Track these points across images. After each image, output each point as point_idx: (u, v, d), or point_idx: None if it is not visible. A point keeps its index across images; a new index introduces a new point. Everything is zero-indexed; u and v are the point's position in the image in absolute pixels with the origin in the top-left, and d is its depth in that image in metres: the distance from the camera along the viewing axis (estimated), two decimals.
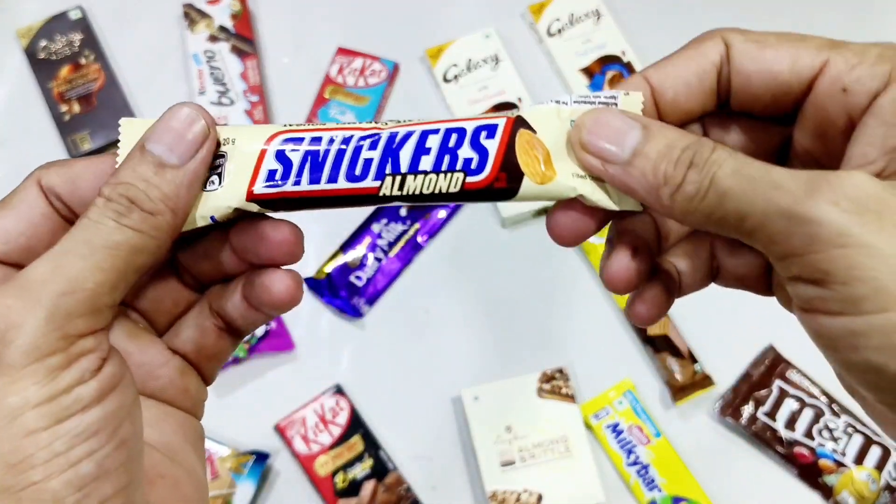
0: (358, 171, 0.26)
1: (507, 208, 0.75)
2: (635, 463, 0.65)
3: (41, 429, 0.20)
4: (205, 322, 0.29)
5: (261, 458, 0.66)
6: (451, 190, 0.26)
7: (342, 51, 0.83)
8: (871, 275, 0.19)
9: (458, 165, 0.25)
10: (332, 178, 0.26)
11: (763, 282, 0.27)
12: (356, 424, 0.68)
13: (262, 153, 0.26)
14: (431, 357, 0.71)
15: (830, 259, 0.20)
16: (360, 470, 0.66)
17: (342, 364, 0.71)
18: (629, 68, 0.80)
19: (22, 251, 0.25)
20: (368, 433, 0.67)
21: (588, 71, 0.81)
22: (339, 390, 0.69)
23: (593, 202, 0.26)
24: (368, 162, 0.26)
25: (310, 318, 0.73)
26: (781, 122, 0.26)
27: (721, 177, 0.22)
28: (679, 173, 0.23)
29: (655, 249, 0.28)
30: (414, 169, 0.25)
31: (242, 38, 0.83)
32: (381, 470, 0.66)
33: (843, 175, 0.20)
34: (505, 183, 0.25)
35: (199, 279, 0.29)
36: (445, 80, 0.81)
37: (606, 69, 0.81)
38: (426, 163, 0.25)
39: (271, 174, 0.26)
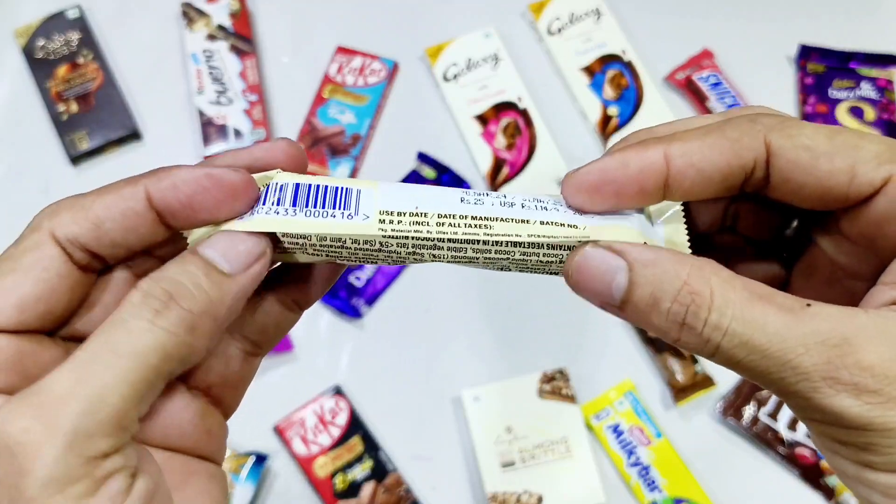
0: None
1: None
2: (636, 464, 0.65)
3: None
4: (227, 349, 0.26)
5: (260, 459, 0.65)
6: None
7: (341, 50, 0.83)
8: (887, 450, 0.20)
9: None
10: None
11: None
12: (356, 425, 0.67)
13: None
14: (431, 357, 0.71)
15: (849, 435, 0.20)
16: (359, 471, 0.66)
17: (341, 365, 0.71)
18: (629, 67, 0.80)
19: (40, 316, 0.23)
20: (368, 434, 0.67)
21: (588, 70, 0.81)
22: (338, 391, 0.69)
23: None
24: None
25: (309, 318, 0.72)
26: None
27: (727, 349, 0.21)
28: (673, 330, 0.22)
29: None
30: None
31: (241, 37, 0.83)
32: (380, 471, 0.66)
33: (861, 350, 0.20)
34: None
35: None
36: (445, 79, 0.81)
37: (607, 68, 0.80)
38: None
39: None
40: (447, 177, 0.77)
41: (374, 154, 0.80)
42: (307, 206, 0.24)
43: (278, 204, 0.24)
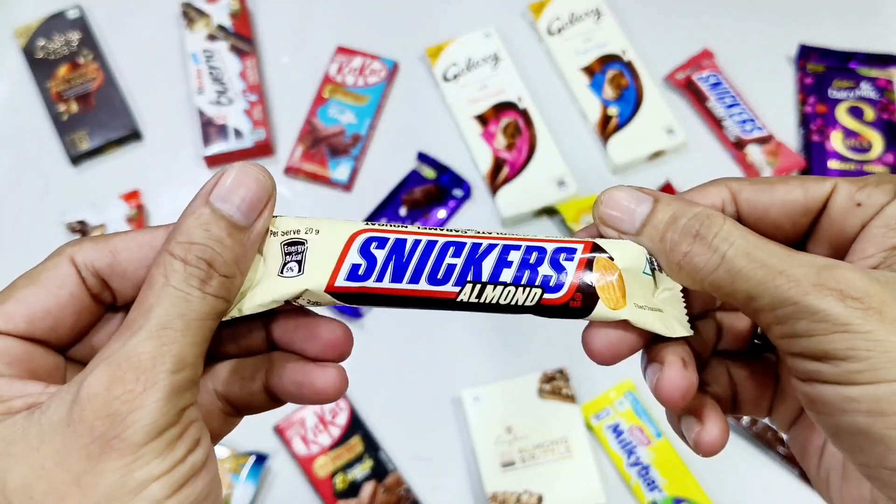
0: (440, 276, 0.26)
1: (507, 208, 0.74)
2: (636, 464, 0.65)
3: (164, 497, 0.22)
4: (205, 399, 0.28)
5: (260, 459, 0.65)
6: (528, 303, 0.27)
7: (341, 50, 0.83)
8: (866, 354, 0.22)
9: (538, 281, 0.27)
10: (414, 279, 0.26)
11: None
12: (356, 425, 0.67)
13: (347, 247, 0.26)
14: (431, 357, 0.71)
15: (832, 341, 0.22)
16: (359, 471, 0.66)
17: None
18: (629, 67, 0.80)
19: (47, 329, 0.25)
20: (368, 434, 0.67)
21: (588, 70, 0.81)
22: None
23: (645, 327, 0.27)
24: (451, 267, 0.26)
25: None
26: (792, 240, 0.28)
27: (732, 257, 0.24)
28: (685, 241, 0.25)
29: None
30: (495, 279, 0.27)
31: (241, 37, 0.83)
32: (380, 471, 0.66)
33: (845, 269, 0.23)
34: (580, 303, 0.27)
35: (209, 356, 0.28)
36: (445, 79, 0.81)
37: (607, 68, 0.80)
38: (507, 275, 0.27)
39: (354, 268, 0.26)
40: (447, 177, 0.77)
41: (374, 154, 0.80)
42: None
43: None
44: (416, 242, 0.26)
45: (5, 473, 0.21)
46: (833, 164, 0.76)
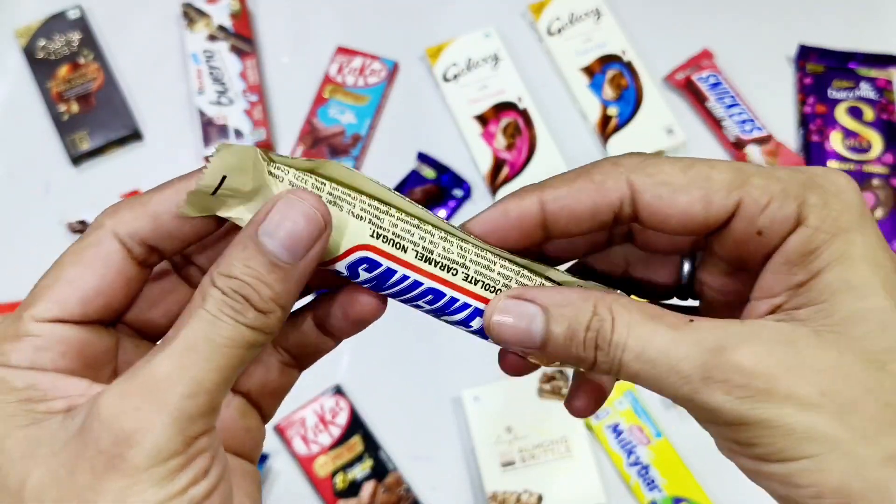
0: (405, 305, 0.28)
1: None
2: (636, 463, 0.65)
3: None
4: (268, 357, 0.28)
5: (260, 458, 0.65)
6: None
7: (341, 50, 0.83)
8: (769, 441, 0.22)
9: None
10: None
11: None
12: (356, 425, 0.67)
13: (342, 256, 0.26)
14: (431, 357, 0.71)
15: (733, 432, 0.23)
16: (359, 470, 0.66)
17: (342, 364, 0.71)
18: (629, 67, 0.80)
19: (100, 309, 0.25)
20: (368, 433, 0.67)
21: (588, 70, 0.81)
22: (338, 391, 0.69)
23: None
24: (418, 307, 0.28)
25: None
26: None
27: (626, 362, 0.24)
28: (590, 355, 0.24)
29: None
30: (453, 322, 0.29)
31: (241, 37, 0.83)
32: (380, 470, 0.66)
33: (732, 351, 0.22)
34: None
35: None
36: (445, 79, 0.81)
37: (607, 68, 0.81)
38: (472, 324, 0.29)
39: (337, 272, 0.27)
40: (447, 177, 0.77)
41: (374, 154, 0.80)
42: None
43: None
44: (404, 278, 0.26)
45: (28, 474, 0.21)
46: (832, 164, 0.76)
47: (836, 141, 0.77)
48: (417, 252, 0.26)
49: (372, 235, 0.26)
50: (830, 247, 0.22)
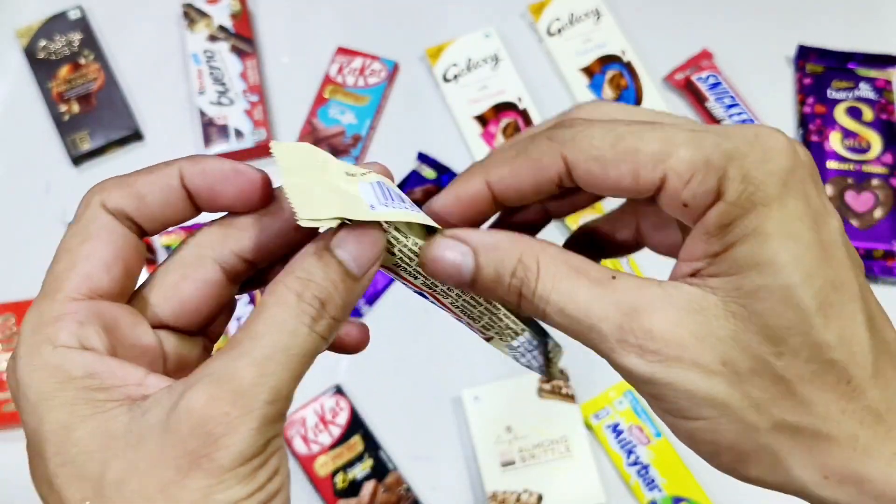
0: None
1: None
2: (636, 463, 0.65)
3: None
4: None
5: None
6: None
7: (342, 50, 0.83)
8: (673, 401, 0.24)
9: None
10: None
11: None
12: (356, 424, 0.68)
13: None
14: (431, 357, 0.71)
15: (645, 389, 0.25)
16: (359, 470, 0.66)
17: (342, 364, 0.71)
18: (629, 68, 0.80)
19: (120, 278, 0.26)
20: (368, 433, 0.67)
21: (588, 70, 0.81)
22: (338, 390, 0.69)
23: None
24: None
25: None
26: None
27: (550, 314, 0.25)
28: (514, 300, 0.26)
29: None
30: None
31: (242, 37, 0.83)
32: (381, 470, 0.66)
33: (647, 314, 0.24)
34: None
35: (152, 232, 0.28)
36: (445, 79, 0.81)
37: (606, 69, 0.81)
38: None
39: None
40: (447, 177, 0.77)
41: (374, 154, 0.80)
42: (392, 199, 0.26)
43: (385, 197, 0.26)
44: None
45: (106, 465, 0.22)
46: (832, 164, 0.76)
47: (835, 141, 0.77)
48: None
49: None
50: (743, 222, 0.23)
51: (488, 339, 0.30)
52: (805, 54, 0.81)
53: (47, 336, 0.24)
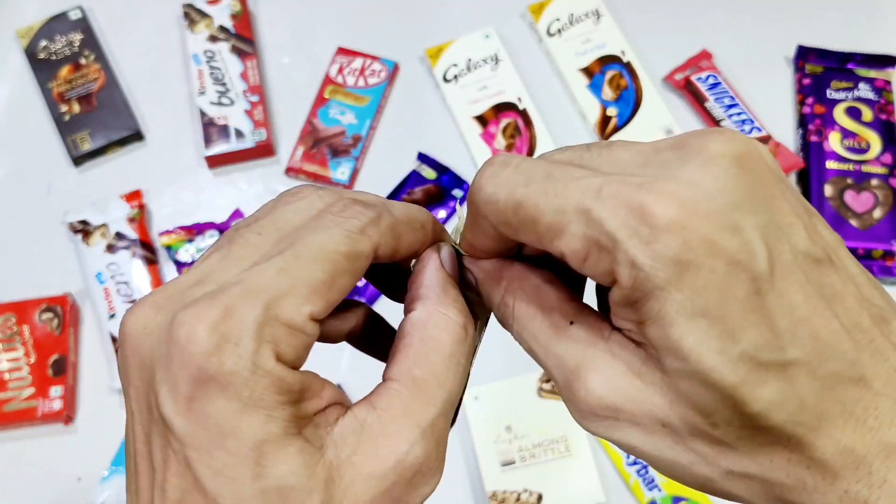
0: None
1: None
2: (635, 462, 0.65)
3: None
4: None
5: None
6: None
7: (342, 51, 0.83)
8: (628, 450, 0.24)
9: None
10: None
11: None
12: None
13: None
14: None
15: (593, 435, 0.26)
16: None
17: (342, 364, 0.71)
18: (629, 68, 0.80)
19: (332, 304, 0.26)
20: None
21: (588, 71, 0.81)
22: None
23: None
24: None
25: None
26: None
27: (526, 349, 0.27)
28: (506, 325, 0.28)
29: None
30: None
31: (242, 38, 0.83)
32: None
33: (588, 378, 0.24)
34: None
35: None
36: (445, 79, 0.82)
37: (606, 69, 0.81)
38: None
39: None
40: (447, 177, 0.77)
41: (374, 154, 0.80)
42: None
43: None
44: None
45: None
46: (831, 164, 0.76)
47: (834, 141, 0.77)
48: None
49: None
50: (645, 305, 0.21)
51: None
52: (804, 54, 0.81)
53: (276, 341, 0.24)
